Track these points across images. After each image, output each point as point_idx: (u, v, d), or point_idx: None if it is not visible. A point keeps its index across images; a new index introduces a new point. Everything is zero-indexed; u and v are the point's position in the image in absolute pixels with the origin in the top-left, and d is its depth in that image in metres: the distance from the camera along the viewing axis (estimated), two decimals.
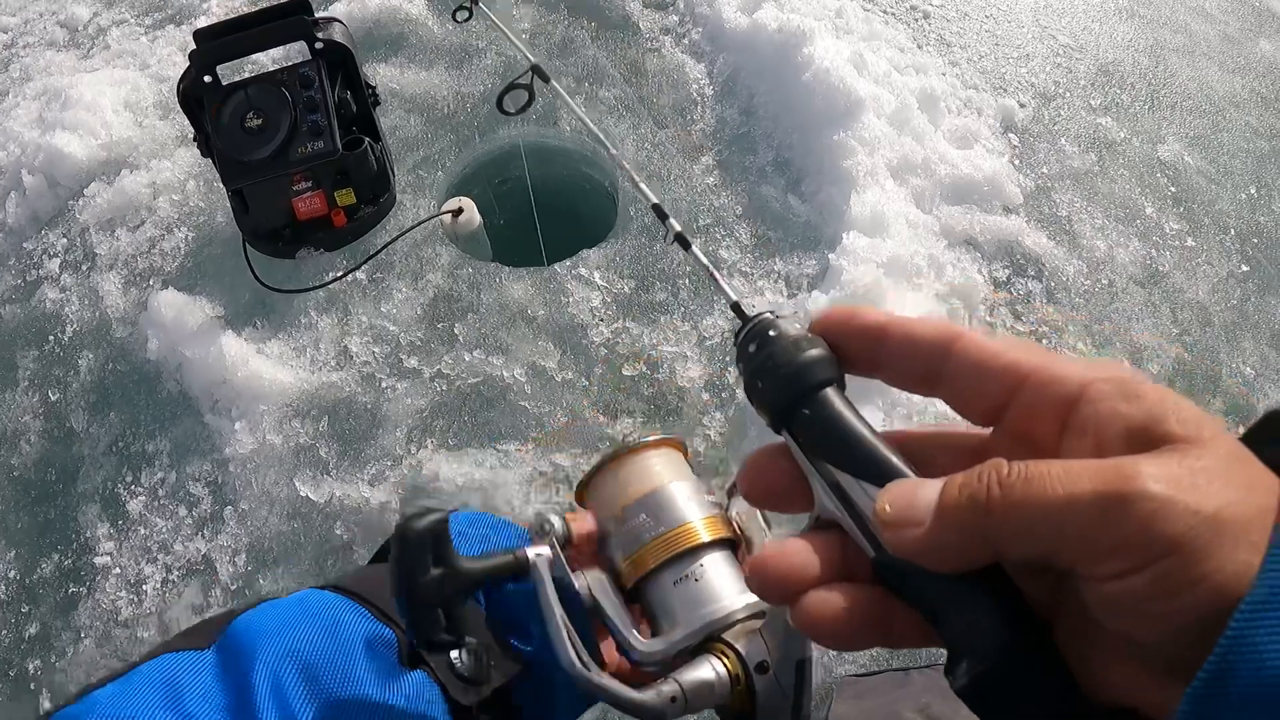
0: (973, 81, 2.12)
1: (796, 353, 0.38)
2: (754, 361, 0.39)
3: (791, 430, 0.38)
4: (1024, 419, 0.35)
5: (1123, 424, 0.32)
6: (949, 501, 0.33)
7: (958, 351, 0.36)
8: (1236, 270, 1.91)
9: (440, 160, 1.98)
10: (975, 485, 0.32)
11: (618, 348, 1.68)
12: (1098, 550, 0.30)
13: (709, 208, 1.85)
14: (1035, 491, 0.31)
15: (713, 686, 0.44)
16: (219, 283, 1.82)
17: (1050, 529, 0.30)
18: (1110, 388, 0.33)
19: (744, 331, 0.40)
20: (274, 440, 1.62)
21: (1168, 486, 0.29)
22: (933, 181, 1.86)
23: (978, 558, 0.33)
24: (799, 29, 1.97)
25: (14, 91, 2.28)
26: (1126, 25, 2.35)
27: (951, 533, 0.32)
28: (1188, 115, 2.16)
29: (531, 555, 0.47)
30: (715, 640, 0.45)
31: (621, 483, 0.49)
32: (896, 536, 0.34)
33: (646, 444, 0.50)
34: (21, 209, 2.03)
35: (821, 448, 0.37)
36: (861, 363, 0.39)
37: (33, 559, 1.63)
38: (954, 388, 0.37)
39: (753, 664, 0.44)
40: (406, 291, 1.77)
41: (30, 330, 1.88)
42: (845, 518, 0.37)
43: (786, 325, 0.39)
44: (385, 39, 2.19)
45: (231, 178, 1.70)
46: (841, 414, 0.37)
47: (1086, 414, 0.33)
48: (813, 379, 0.38)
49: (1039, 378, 0.34)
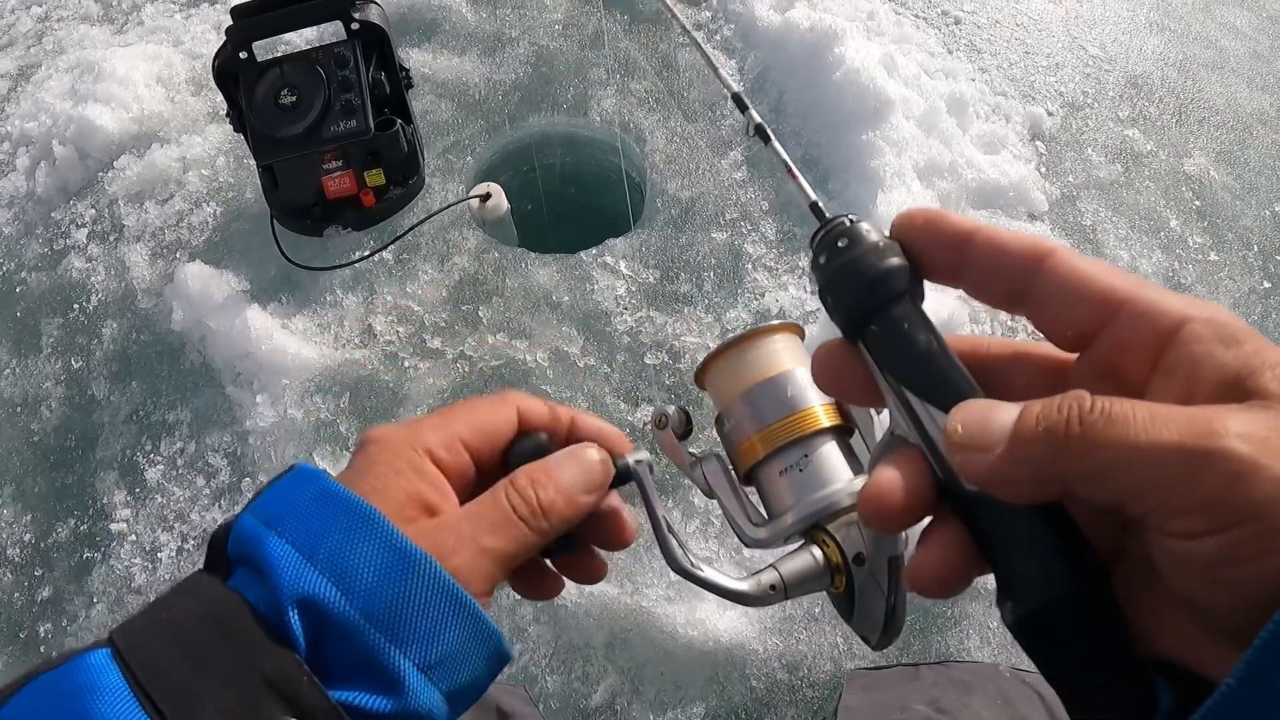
0: (1002, 88, 2.12)
1: (867, 264, 0.37)
2: (825, 273, 0.38)
3: (864, 342, 0.38)
4: (1113, 351, 0.33)
5: (1216, 371, 0.30)
6: (1025, 431, 0.31)
7: (1048, 269, 0.34)
8: (1259, 286, 1.91)
9: (470, 146, 1.99)
10: (1055, 417, 0.30)
11: (641, 336, 1.69)
12: (1174, 506, 0.29)
13: (736, 202, 1.85)
14: (1117, 433, 0.29)
15: (814, 575, 0.44)
16: (246, 258, 1.83)
17: (1128, 476, 0.29)
18: (1208, 330, 0.31)
19: (817, 238, 0.39)
20: (295, 414, 1.62)
21: (1255, 449, 0.27)
22: (959, 185, 1.86)
23: (1048, 493, 0.32)
24: (831, 29, 1.98)
25: (46, 64, 2.30)
26: (1156, 39, 2.35)
27: (1025, 465, 0.31)
28: (1215, 130, 2.17)
29: (631, 461, 0.48)
30: (819, 529, 0.45)
31: (746, 365, 0.48)
32: (967, 460, 0.32)
33: (771, 327, 0.49)
34: (51, 179, 2.04)
35: (892, 365, 0.36)
36: (942, 271, 0.37)
37: (48, 523, 1.63)
38: (1041, 308, 0.35)
39: (851, 555, 0.44)
40: (432, 273, 1.78)
41: (55, 298, 1.89)
42: (915, 437, 0.36)
43: (861, 232, 0.38)
44: (419, 24, 2.20)
45: (263, 153, 1.71)
46: (911, 332, 0.36)
47: (1180, 355, 0.31)
48: (884, 292, 0.36)
49: (1134, 308, 0.33)
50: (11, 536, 1.63)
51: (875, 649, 0.46)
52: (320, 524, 0.40)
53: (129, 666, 0.36)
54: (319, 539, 0.39)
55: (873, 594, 0.44)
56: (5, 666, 1.51)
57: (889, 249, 0.37)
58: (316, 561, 0.39)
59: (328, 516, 0.41)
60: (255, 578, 0.40)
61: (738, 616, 1.40)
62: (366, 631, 0.38)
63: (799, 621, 1.41)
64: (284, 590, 0.38)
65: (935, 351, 0.36)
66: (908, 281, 0.37)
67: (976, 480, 0.33)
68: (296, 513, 0.41)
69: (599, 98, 2.04)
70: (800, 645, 1.39)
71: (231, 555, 0.42)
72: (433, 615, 0.39)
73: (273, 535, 0.40)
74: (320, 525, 0.40)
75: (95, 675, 0.36)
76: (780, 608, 1.41)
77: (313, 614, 0.38)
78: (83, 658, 0.37)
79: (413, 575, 0.39)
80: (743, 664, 1.37)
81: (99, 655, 0.37)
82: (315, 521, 0.40)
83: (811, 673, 1.37)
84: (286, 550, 0.39)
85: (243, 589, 0.40)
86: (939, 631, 1.41)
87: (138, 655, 0.37)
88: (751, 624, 1.40)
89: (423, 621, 0.39)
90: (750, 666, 1.37)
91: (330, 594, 0.38)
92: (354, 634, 0.38)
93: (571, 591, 1.44)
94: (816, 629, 1.40)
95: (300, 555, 0.39)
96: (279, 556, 0.39)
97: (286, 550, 0.39)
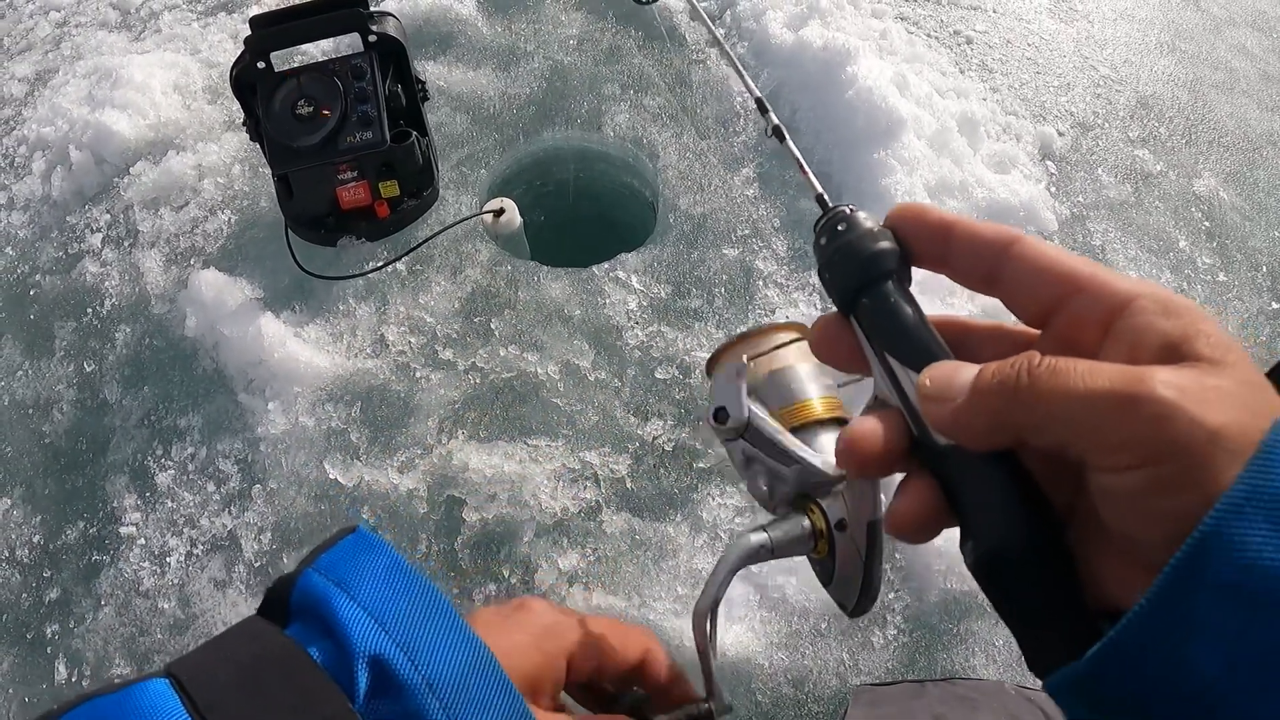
0: (1013, 108, 2.13)
1: (861, 246, 0.41)
2: (825, 253, 0.43)
3: (855, 315, 0.42)
4: (1071, 325, 0.38)
5: (1157, 338, 0.34)
6: (982, 383, 0.36)
7: (1016, 254, 0.39)
8: (1267, 307, 1.91)
9: (484, 159, 2.00)
10: (1007, 371, 0.35)
11: (652, 351, 1.69)
12: (1106, 444, 0.32)
13: (747, 218, 1.86)
14: (1059, 383, 0.33)
15: (801, 539, 0.50)
16: (260, 266, 1.84)
17: (1067, 419, 0.33)
18: (1152, 304, 0.35)
19: (820, 223, 0.44)
20: (306, 422, 1.63)
21: (1179, 395, 0.31)
22: (970, 204, 1.87)
23: (1002, 440, 0.36)
24: (843, 48, 1.99)
25: (64, 69, 2.32)
26: (1167, 60, 2.36)
27: (981, 412, 0.36)
28: (1224, 151, 2.18)
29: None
30: (808, 499, 0.51)
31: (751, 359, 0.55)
32: (933, 409, 0.37)
33: (777, 325, 0.56)
34: (66, 183, 2.06)
35: (877, 335, 0.41)
36: (927, 258, 0.42)
37: (58, 525, 1.64)
38: (1010, 289, 0.40)
39: (834, 520, 0.49)
40: (445, 285, 1.79)
41: (69, 302, 1.90)
42: (895, 399, 0.40)
43: (857, 219, 0.43)
44: (435, 37, 2.22)
45: (279, 163, 1.72)
46: (895, 306, 0.41)
47: (1126, 325, 0.35)
48: (873, 271, 0.41)
49: (1089, 287, 0.37)
50: (21, 538, 1.64)
51: (851, 616, 0.51)
52: (391, 594, 0.42)
53: (190, 697, 0.38)
54: (388, 607, 0.41)
55: (851, 559, 0.49)
56: (11, 668, 1.52)
57: (881, 234, 0.42)
58: (388, 628, 0.40)
59: (399, 588, 0.43)
60: (317, 632, 0.41)
61: (744, 631, 1.40)
62: (424, 696, 0.39)
63: (805, 636, 1.41)
64: (355, 646, 0.39)
65: (915, 323, 0.40)
66: (896, 263, 0.41)
67: (940, 426, 0.37)
68: (368, 579, 0.43)
69: (613, 113, 2.06)
70: (806, 660, 1.39)
71: (294, 607, 0.44)
72: (490, 707, 0.41)
73: (344, 596, 0.42)
74: (391, 595, 0.42)
75: (157, 700, 0.37)
76: (787, 622, 1.42)
77: (376, 673, 0.39)
78: (142, 685, 0.38)
79: (479, 666, 0.41)
80: (749, 678, 1.37)
81: (159, 684, 0.38)
82: (386, 590, 0.42)
83: (817, 688, 1.38)
84: (359, 613, 0.41)
85: (301, 640, 0.41)
86: (944, 648, 1.42)
87: (198, 687, 0.38)
88: (757, 638, 1.40)
89: (479, 708, 0.40)
90: (756, 681, 1.37)
91: (398, 657, 0.40)
92: (413, 696, 0.39)
93: (579, 604, 1.45)
94: (822, 644, 1.40)
95: (372, 619, 0.41)
96: (350, 617, 0.40)
97: (359, 613, 0.41)
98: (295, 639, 0.41)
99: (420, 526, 1.53)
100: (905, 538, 0.40)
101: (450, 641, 0.41)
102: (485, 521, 1.52)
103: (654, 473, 1.57)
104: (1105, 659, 0.32)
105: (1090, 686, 0.33)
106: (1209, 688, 0.30)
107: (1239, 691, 0.30)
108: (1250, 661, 0.29)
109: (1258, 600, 0.29)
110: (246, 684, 0.38)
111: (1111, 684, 0.33)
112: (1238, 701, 0.30)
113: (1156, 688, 0.31)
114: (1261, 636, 0.29)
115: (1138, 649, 0.32)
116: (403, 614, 0.41)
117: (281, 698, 0.38)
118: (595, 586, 1.46)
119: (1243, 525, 0.30)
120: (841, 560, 0.49)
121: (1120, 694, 0.33)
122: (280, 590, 0.44)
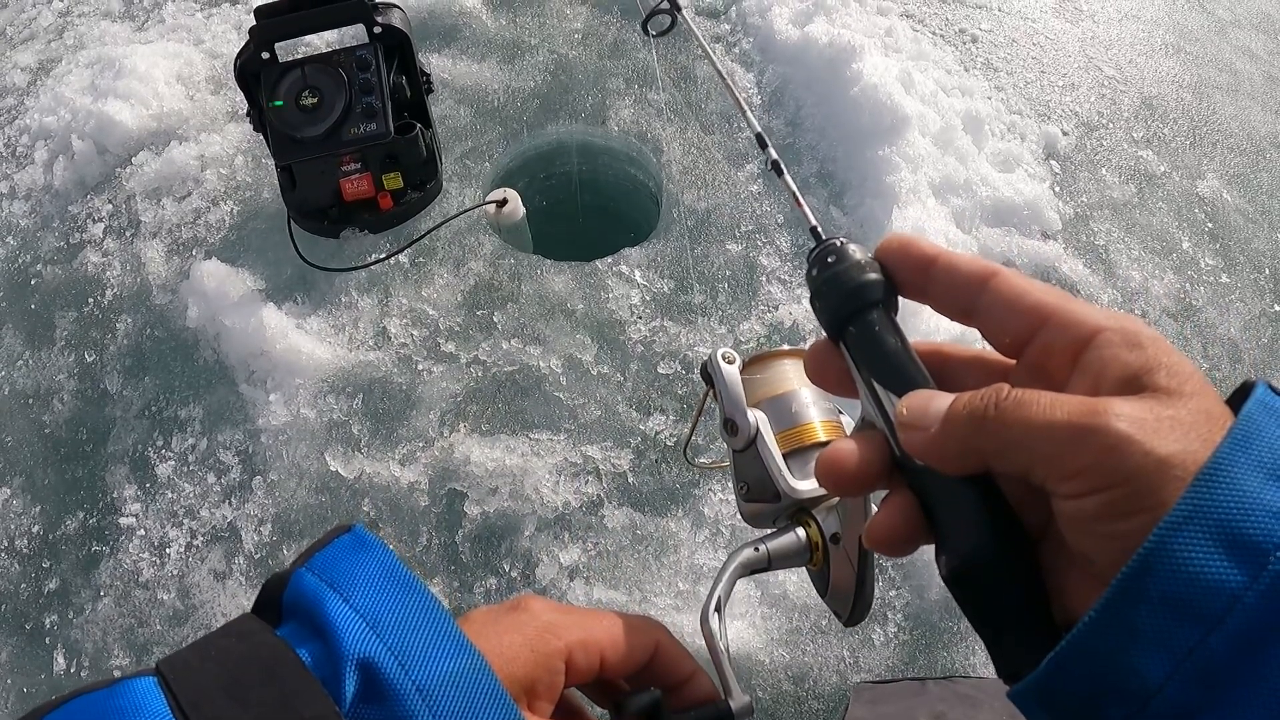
0: (1017, 107, 2.13)
1: (848, 277, 0.43)
2: (815, 283, 0.44)
3: (844, 342, 0.44)
4: (1042, 355, 0.39)
5: (1119, 369, 0.36)
6: (954, 413, 0.38)
7: (992, 287, 0.41)
8: (1269, 309, 1.91)
9: (488, 152, 2.00)
10: (976, 403, 0.37)
11: (654, 345, 1.69)
12: (1063, 472, 0.35)
13: (751, 215, 1.86)
14: (1022, 414, 0.36)
15: (796, 551, 0.52)
16: (262, 257, 1.84)
17: (1028, 448, 0.36)
18: (1117, 336, 0.37)
19: (812, 254, 0.45)
20: (308, 414, 1.63)
21: (1131, 427, 0.33)
22: (974, 202, 1.87)
23: (973, 465, 0.38)
24: (849, 44, 1.99)
25: (67, 59, 2.31)
26: (1172, 61, 2.36)
27: (953, 440, 0.38)
28: (1228, 153, 2.17)
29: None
30: (804, 513, 0.53)
31: (760, 382, 0.58)
32: (909, 436, 0.40)
33: (781, 351, 0.59)
34: (69, 173, 2.06)
35: (863, 361, 0.43)
36: (911, 288, 0.44)
37: (57, 515, 1.64)
38: (985, 320, 0.41)
39: (829, 534, 0.52)
40: (448, 278, 1.79)
41: (70, 292, 1.89)
42: (880, 421, 0.42)
43: (847, 251, 0.44)
44: (439, 29, 2.21)
45: (282, 154, 1.72)
46: (879, 335, 0.43)
47: (1093, 357, 0.37)
48: (859, 301, 0.43)
49: (1059, 319, 0.39)
50: (20, 528, 1.63)
51: (846, 625, 0.53)
52: (383, 596, 0.42)
53: (174, 695, 0.38)
54: (380, 609, 0.41)
55: (845, 570, 0.51)
56: (10, 658, 1.52)
57: (869, 266, 0.44)
58: (379, 631, 0.40)
59: (392, 590, 0.42)
60: (308, 633, 0.41)
61: (745, 627, 1.40)
62: (414, 702, 0.39)
63: (806, 634, 1.41)
64: (345, 649, 0.39)
65: (899, 350, 0.42)
66: (882, 293, 0.43)
67: (915, 452, 0.39)
68: (362, 581, 0.42)
69: (617, 107, 2.05)
70: (806, 657, 1.39)
71: (286, 606, 0.43)
72: (481, 715, 0.40)
73: (336, 598, 0.41)
74: (383, 598, 0.42)
75: (141, 698, 0.38)
76: (788, 619, 1.42)
77: (366, 677, 0.39)
78: (130, 682, 0.38)
79: (471, 671, 0.40)
80: (749, 675, 1.37)
81: (146, 681, 0.39)
82: (379, 593, 0.42)
83: (817, 685, 1.38)
84: (350, 615, 0.41)
85: (291, 641, 0.41)
86: (945, 646, 1.42)
87: (183, 686, 0.38)
88: (758, 635, 1.40)
89: (469, 716, 0.40)
90: (757, 677, 1.37)
91: (388, 662, 0.39)
92: (401, 702, 0.39)
93: (579, 598, 1.44)
94: (823, 641, 1.40)
95: (364, 622, 0.40)
96: (341, 619, 0.40)
97: (350, 615, 0.41)
98: (286, 640, 0.41)
99: (421, 519, 1.53)
100: (883, 550, 0.42)
101: (442, 646, 0.41)
102: (486, 515, 1.52)
103: (655, 468, 1.56)
104: (1059, 666, 0.35)
105: (1047, 692, 0.36)
106: (1156, 693, 0.32)
107: (1183, 696, 0.32)
108: (1192, 669, 0.32)
109: (1198, 611, 0.31)
110: (231, 684, 0.38)
111: (1066, 690, 0.35)
112: (1182, 705, 0.32)
113: (1106, 694, 0.33)
114: (1202, 644, 0.32)
115: (1087, 656, 0.34)
116: (395, 617, 0.41)
117: (265, 698, 0.38)
118: (596, 581, 1.46)
119: (1183, 541, 0.32)
120: (836, 572, 0.51)
121: (1074, 701, 0.35)
122: (273, 589, 0.44)
